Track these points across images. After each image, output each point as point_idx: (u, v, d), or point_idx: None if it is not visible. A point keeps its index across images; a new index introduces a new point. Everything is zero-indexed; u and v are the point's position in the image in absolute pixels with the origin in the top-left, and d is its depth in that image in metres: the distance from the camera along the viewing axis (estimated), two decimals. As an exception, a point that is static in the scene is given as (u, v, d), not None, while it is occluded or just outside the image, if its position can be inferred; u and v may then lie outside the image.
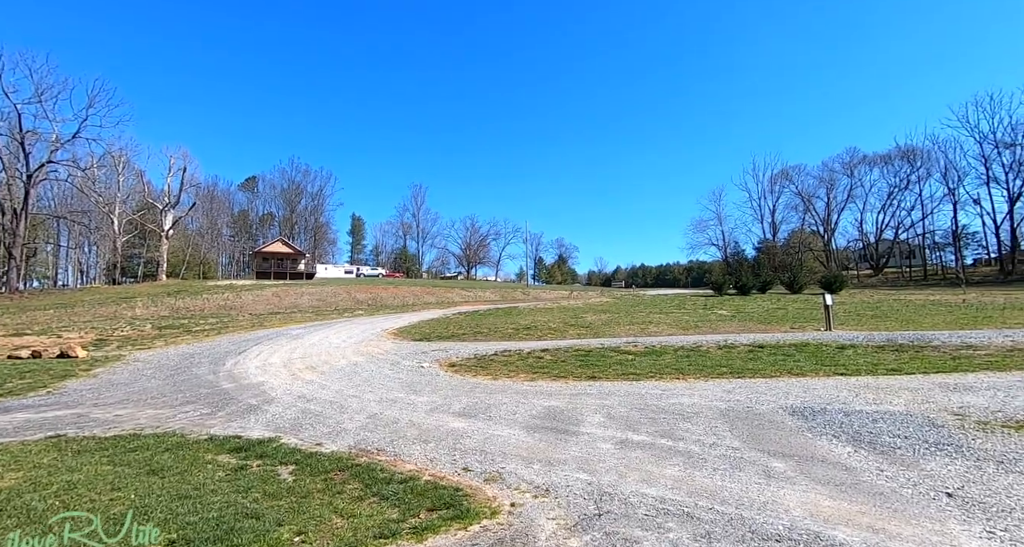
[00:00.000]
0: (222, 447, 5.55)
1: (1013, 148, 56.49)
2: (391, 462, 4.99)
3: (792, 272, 44.50)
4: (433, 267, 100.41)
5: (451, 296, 40.45)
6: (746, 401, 6.89)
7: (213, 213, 72.07)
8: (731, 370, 9.28)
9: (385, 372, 10.72)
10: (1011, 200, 58.10)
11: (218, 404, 8.10)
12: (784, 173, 75.97)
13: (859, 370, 8.77)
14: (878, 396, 6.81)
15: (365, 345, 15.06)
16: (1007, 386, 7.01)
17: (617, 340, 14.37)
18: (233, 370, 11.30)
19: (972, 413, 5.70)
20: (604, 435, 5.60)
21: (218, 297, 32.46)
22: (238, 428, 6.54)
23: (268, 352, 13.79)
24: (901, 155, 67.03)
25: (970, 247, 66.00)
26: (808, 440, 5.12)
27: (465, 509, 3.71)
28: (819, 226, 74.77)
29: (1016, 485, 3.71)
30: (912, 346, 11.04)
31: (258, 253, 60.98)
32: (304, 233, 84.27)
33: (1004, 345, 10.57)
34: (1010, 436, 4.85)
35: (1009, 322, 15.59)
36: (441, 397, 8.08)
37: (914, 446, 4.73)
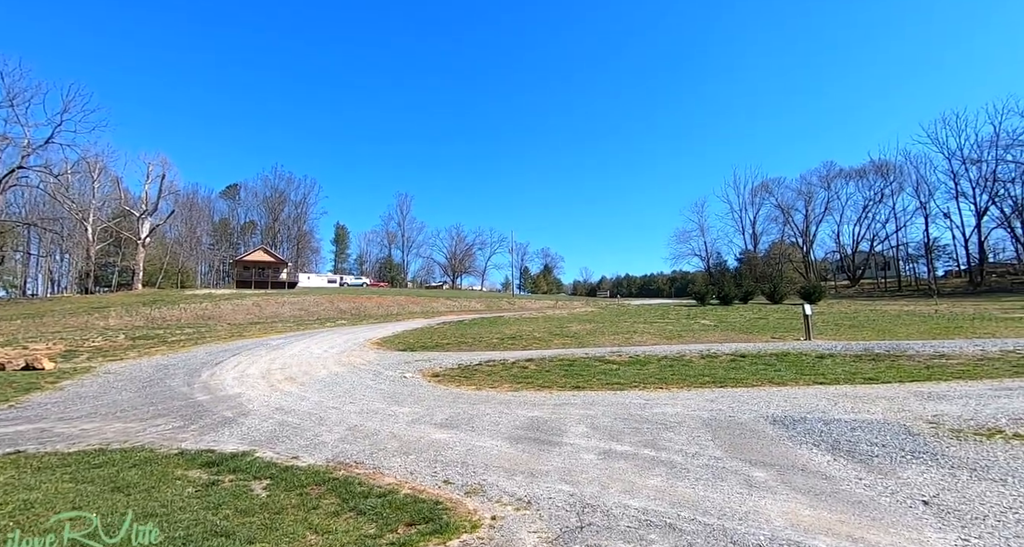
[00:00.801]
0: (193, 462, 5.34)
1: (979, 164, 58.93)
2: (370, 475, 4.87)
3: (773, 283, 45.35)
4: (418, 276, 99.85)
5: (436, 306, 40.15)
6: (728, 410, 6.92)
7: (192, 221, 70.63)
8: (714, 380, 9.34)
9: (367, 383, 10.53)
10: (978, 214, 60.44)
11: (191, 417, 7.83)
12: (764, 186, 77.91)
13: (838, 379, 8.91)
14: (856, 405, 6.91)
15: (347, 355, 14.80)
16: (978, 394, 7.18)
17: (602, 350, 14.39)
18: (209, 382, 10.98)
19: (946, 421, 5.82)
20: (587, 445, 5.56)
21: (196, 307, 31.67)
22: (211, 442, 6.32)
23: (246, 363, 13.44)
24: (875, 169, 69.37)
25: (941, 259, 68.19)
26: (789, 449, 5.15)
27: (444, 523, 3.62)
28: (798, 238, 76.60)
29: (988, 492, 3.77)
30: (888, 355, 11.28)
31: (239, 262, 59.82)
32: (287, 242, 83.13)
33: (975, 354, 10.87)
34: (982, 444, 4.95)
35: (979, 332, 16.07)
36: (423, 408, 7.95)
37: (891, 454, 4.79)
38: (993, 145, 57.12)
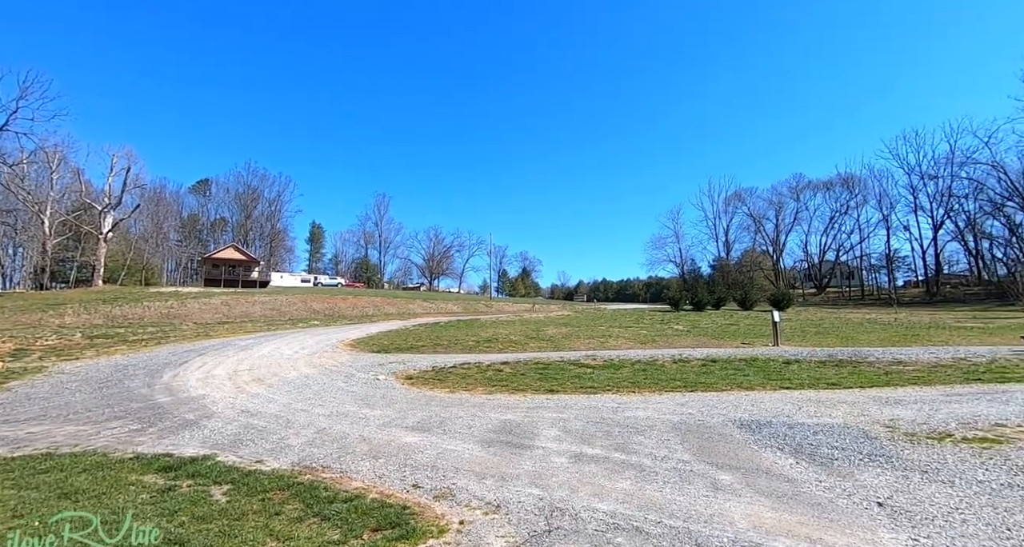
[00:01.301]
0: (149, 466, 5.11)
1: (936, 180, 62.09)
2: (337, 479, 4.75)
3: (744, 290, 46.62)
4: (395, 278, 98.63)
5: (412, 307, 39.73)
6: (698, 414, 7.05)
7: (159, 216, 68.05)
8: (685, 384, 9.50)
9: (338, 385, 10.31)
10: (934, 228, 63.62)
11: (150, 420, 7.51)
12: (737, 195, 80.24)
13: (803, 384, 9.19)
14: (819, 409, 7.13)
15: (319, 357, 14.47)
16: (931, 399, 7.52)
17: (577, 353, 14.48)
18: (171, 383, 10.56)
19: (901, 425, 6.06)
20: (559, 449, 5.57)
21: (160, 305, 30.48)
22: (170, 445, 6.07)
23: (212, 363, 12.99)
24: (842, 182, 72.35)
25: (901, 270, 71.58)
26: (754, 452, 5.27)
27: (412, 528, 3.56)
28: (769, 246, 79.05)
29: (938, 494, 3.94)
30: (850, 362, 11.71)
31: (208, 259, 57.90)
32: (259, 240, 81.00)
33: (929, 361, 11.39)
34: (933, 447, 5.18)
35: (934, 340, 16.87)
36: (395, 411, 7.83)
37: (850, 457, 4.96)
38: (949, 162, 60.43)
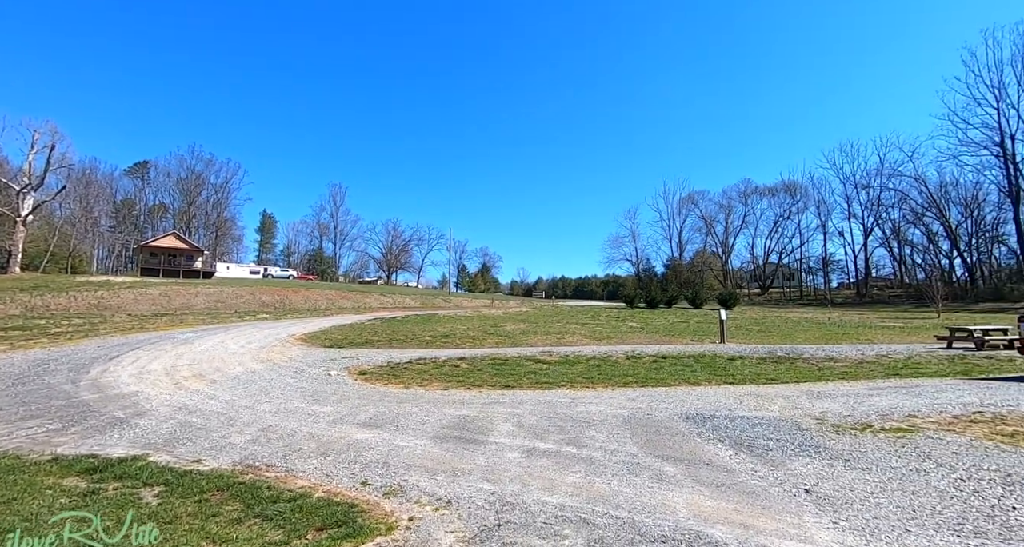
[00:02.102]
0: (70, 469, 4.73)
1: (867, 190, 67.14)
2: (281, 478, 4.58)
3: (695, 289, 48.67)
4: (351, 271, 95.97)
5: (369, 301, 38.78)
6: (647, 409, 7.30)
7: (89, 199, 62.78)
8: (636, 379, 9.81)
9: (287, 380, 9.92)
10: (865, 234, 68.81)
11: (73, 418, 6.95)
12: (690, 197, 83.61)
13: (745, 379, 9.71)
14: (758, 403, 7.56)
15: (267, 351, 13.86)
16: (856, 393, 8.14)
17: (534, 349, 14.63)
18: (100, 379, 9.80)
19: (829, 417, 6.53)
20: (512, 444, 5.61)
21: (89, 295, 28.19)
22: (95, 446, 5.64)
23: (148, 358, 12.17)
24: (785, 189, 76.86)
25: (836, 272, 76.98)
26: (698, 444, 5.52)
27: (359, 526, 3.48)
28: (719, 247, 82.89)
29: (858, 480, 4.28)
30: (788, 358, 12.48)
31: (145, 247, 54.10)
32: (204, 228, 76.57)
33: (856, 358, 12.33)
34: (856, 437, 5.61)
35: (861, 338, 18.28)
36: (347, 407, 7.63)
37: (783, 448, 5.29)
38: (879, 173, 65.55)
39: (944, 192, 59.34)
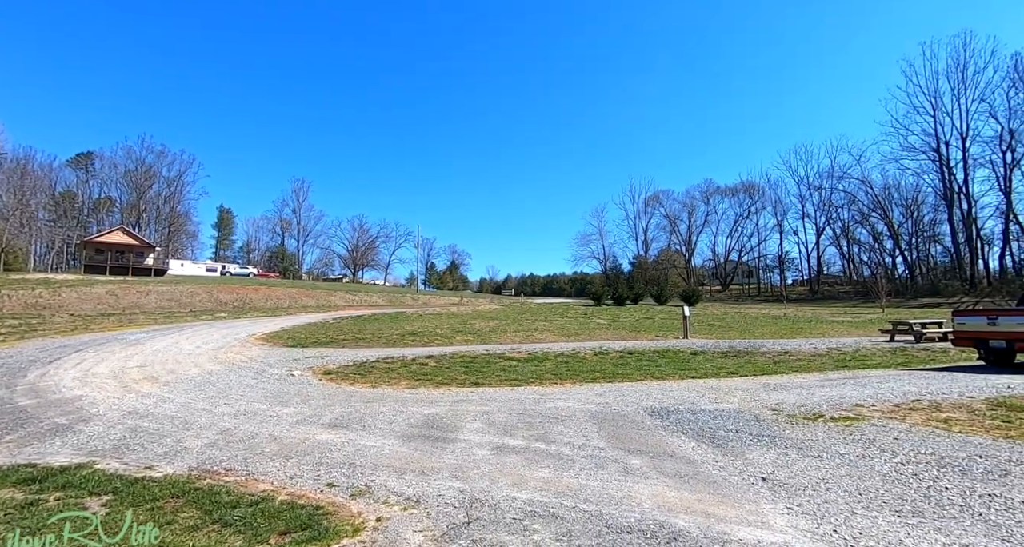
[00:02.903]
0: (5, 480, 4.39)
1: (819, 191, 70.67)
2: (242, 482, 4.41)
3: (659, 286, 49.99)
4: (315, 268, 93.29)
5: (333, 299, 37.83)
6: (614, 403, 7.44)
7: (24, 190, 58.37)
8: (604, 375, 10.00)
9: (247, 382, 9.56)
10: (817, 233, 72.40)
11: (8, 426, 6.46)
12: (656, 196, 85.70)
13: (707, 373, 10.05)
14: (719, 396, 7.85)
15: (225, 352, 13.32)
16: (809, 385, 8.58)
17: (503, 347, 14.66)
18: (38, 383, 9.16)
19: (784, 408, 6.85)
20: (481, 441, 5.61)
21: (26, 293, 26.27)
22: (34, 454, 5.27)
23: (93, 360, 11.46)
24: (744, 189, 79.93)
25: (791, 270, 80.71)
26: (662, 437, 5.68)
27: (324, 529, 3.40)
28: (682, 246, 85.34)
29: (809, 467, 4.51)
30: (747, 352, 13.01)
31: (89, 243, 50.80)
32: (155, 223, 72.73)
33: (809, 351, 12.98)
34: (808, 426, 5.91)
35: (814, 332, 19.26)
36: (311, 408, 7.42)
37: (742, 438, 5.51)
38: (830, 175, 69.08)
39: (888, 194, 63.28)
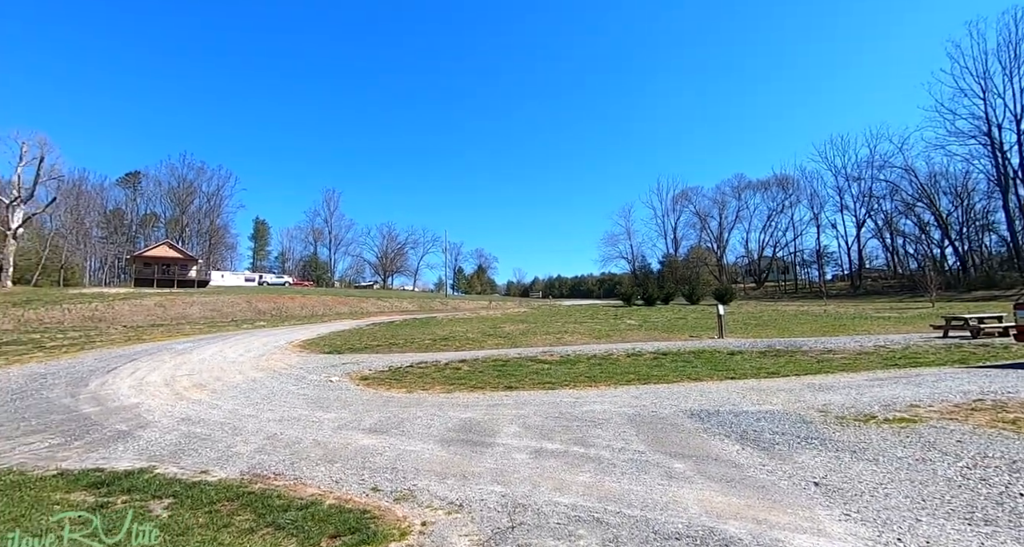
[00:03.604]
0: (76, 483, 4.69)
1: (859, 182, 67.69)
2: (290, 487, 4.56)
3: (691, 285, 48.86)
4: (347, 276, 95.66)
5: (365, 306, 38.68)
6: (651, 406, 7.32)
7: (80, 210, 62.29)
8: (638, 377, 9.84)
9: (288, 388, 9.88)
10: (857, 226, 69.33)
11: (75, 432, 6.88)
12: (684, 194, 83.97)
13: (746, 374, 9.75)
14: (761, 397, 7.60)
15: (266, 359, 13.80)
16: (857, 385, 8.20)
17: (534, 350, 14.64)
18: (99, 391, 9.72)
19: (833, 409, 6.57)
20: (519, 445, 5.62)
21: (84, 307, 27.95)
22: (100, 459, 5.59)
23: (146, 369, 12.08)
24: (777, 183, 77.30)
25: (830, 264, 77.52)
26: (704, 440, 5.55)
27: (372, 532, 3.48)
28: (713, 243, 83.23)
29: (865, 471, 4.31)
30: (787, 351, 12.56)
31: (138, 257, 53.67)
32: (197, 237, 76.09)
33: (854, 349, 12.42)
34: (860, 428, 5.66)
35: (858, 329, 18.41)
36: (351, 413, 7.60)
37: (789, 441, 5.33)
38: (869, 165, 66.07)
39: (934, 182, 59.96)
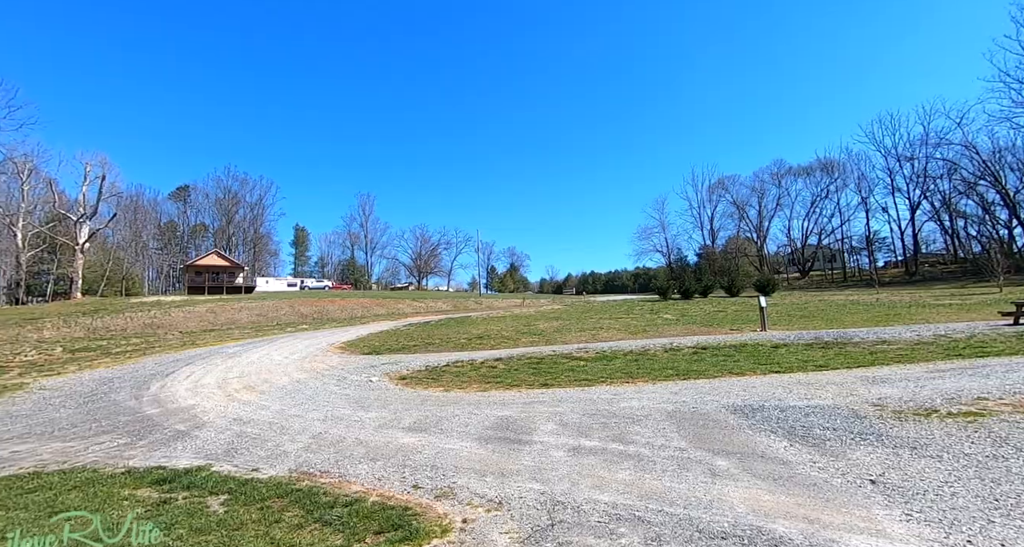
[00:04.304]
0: (142, 480, 5.02)
1: (912, 162, 63.46)
2: (335, 484, 4.72)
3: (730, 276, 47.23)
4: (383, 278, 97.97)
5: (402, 307, 39.51)
6: (691, 402, 7.13)
7: (137, 224, 66.67)
8: (677, 372, 9.61)
9: (331, 388, 10.22)
10: (912, 209, 65.07)
11: (140, 432, 7.37)
12: (720, 183, 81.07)
13: (792, 367, 9.34)
14: (809, 391, 7.27)
15: (310, 361, 14.33)
16: (916, 377, 7.71)
17: (569, 347, 14.54)
18: (159, 394, 10.37)
19: (889, 403, 6.20)
20: (557, 443, 5.59)
21: (143, 315, 29.85)
22: (162, 457, 5.96)
23: (201, 372, 12.78)
24: (821, 167, 73.45)
25: (881, 251, 73.06)
26: (749, 437, 5.35)
27: (414, 529, 3.55)
28: (753, 233, 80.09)
29: (927, 469, 4.05)
30: (836, 343, 11.94)
31: (190, 266, 56.85)
32: (242, 245, 79.79)
33: (911, 339, 11.67)
34: (920, 423, 5.31)
35: (915, 318, 17.29)
36: (391, 412, 7.79)
37: (841, 437, 5.06)
38: (924, 143, 61.68)
39: (999, 158, 55.29)
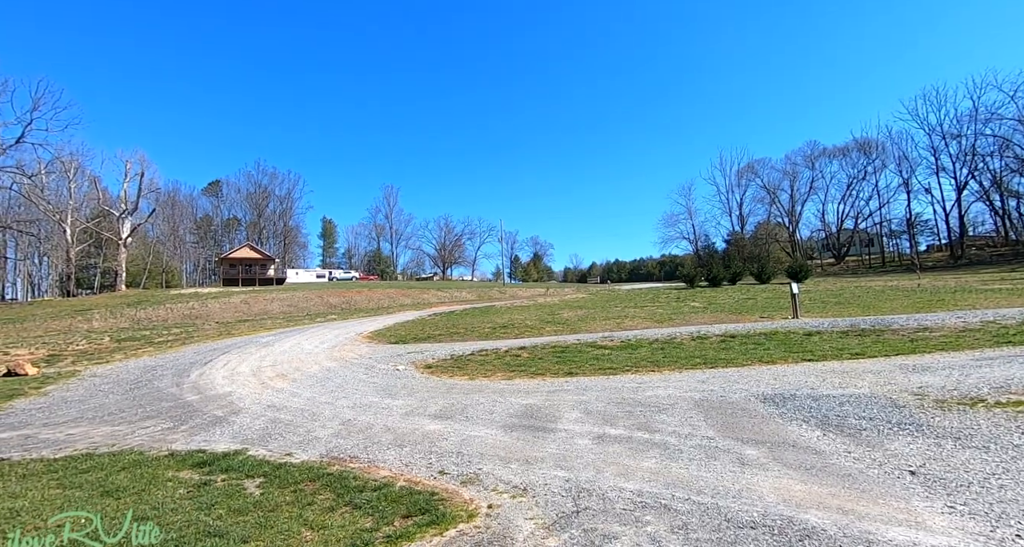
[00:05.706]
0: (184, 463, 5.28)
1: (959, 139, 59.76)
2: (365, 469, 4.85)
3: (760, 263, 45.92)
4: (408, 268, 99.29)
5: (427, 297, 40.03)
6: (719, 390, 7.00)
7: (175, 219, 69.30)
8: (704, 361, 9.44)
9: (359, 376, 10.47)
10: (958, 189, 61.50)
11: (181, 418, 7.74)
12: (750, 167, 78.28)
13: (825, 356, 9.05)
14: (844, 380, 7.02)
15: (339, 350, 14.70)
16: (961, 365, 7.34)
17: (593, 335, 14.46)
18: (198, 381, 10.84)
19: (930, 392, 5.94)
20: (581, 431, 5.59)
21: (182, 306, 31.20)
22: (202, 442, 6.25)
23: (236, 361, 13.29)
24: (858, 147, 69.98)
25: (923, 234, 69.49)
26: (779, 426, 5.22)
27: (441, 514, 3.61)
28: (784, 217, 77.32)
29: (972, 460, 3.86)
30: (873, 330, 11.48)
31: (224, 259, 58.94)
32: (273, 237, 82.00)
33: (956, 326, 11.10)
34: (965, 413, 5.07)
35: (960, 304, 16.43)
36: (417, 400, 7.93)
37: (878, 427, 4.88)
38: (972, 119, 57.91)
39: (1055, 132, 51.55)
